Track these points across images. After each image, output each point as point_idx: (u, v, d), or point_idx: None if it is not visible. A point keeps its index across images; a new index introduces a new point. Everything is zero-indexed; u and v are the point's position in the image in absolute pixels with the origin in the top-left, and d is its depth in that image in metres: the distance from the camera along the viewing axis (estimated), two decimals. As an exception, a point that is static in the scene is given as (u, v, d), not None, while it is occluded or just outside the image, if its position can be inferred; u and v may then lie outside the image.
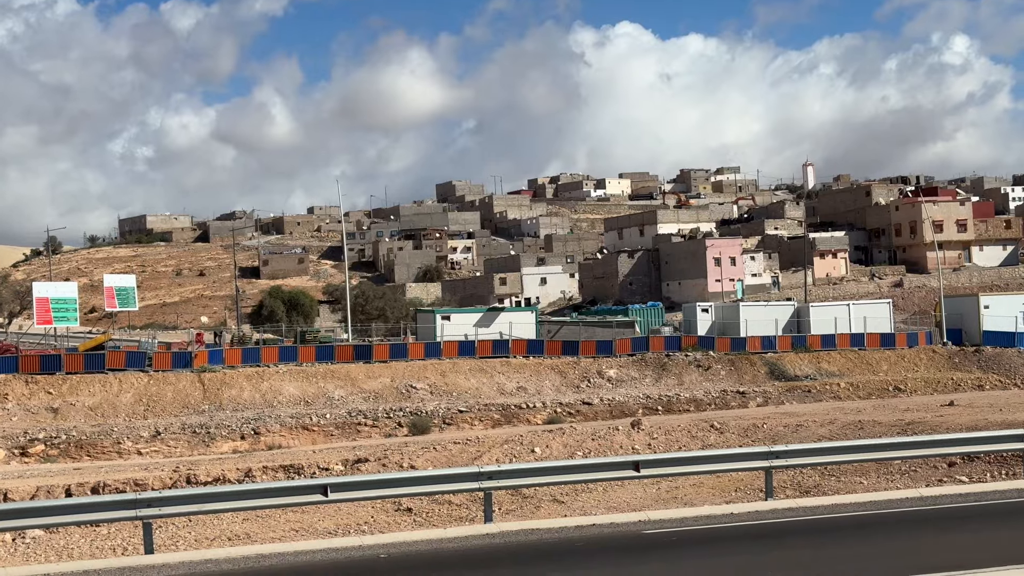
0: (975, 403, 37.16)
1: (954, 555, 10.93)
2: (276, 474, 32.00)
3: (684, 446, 29.73)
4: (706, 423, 34.01)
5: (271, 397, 45.96)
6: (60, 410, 42.70)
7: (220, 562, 13.71)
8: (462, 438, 36.15)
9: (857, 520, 14.47)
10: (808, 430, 30.95)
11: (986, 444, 19.72)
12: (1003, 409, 31.93)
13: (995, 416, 28.98)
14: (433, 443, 34.66)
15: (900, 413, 34.56)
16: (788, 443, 24.34)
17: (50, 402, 43.24)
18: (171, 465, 34.89)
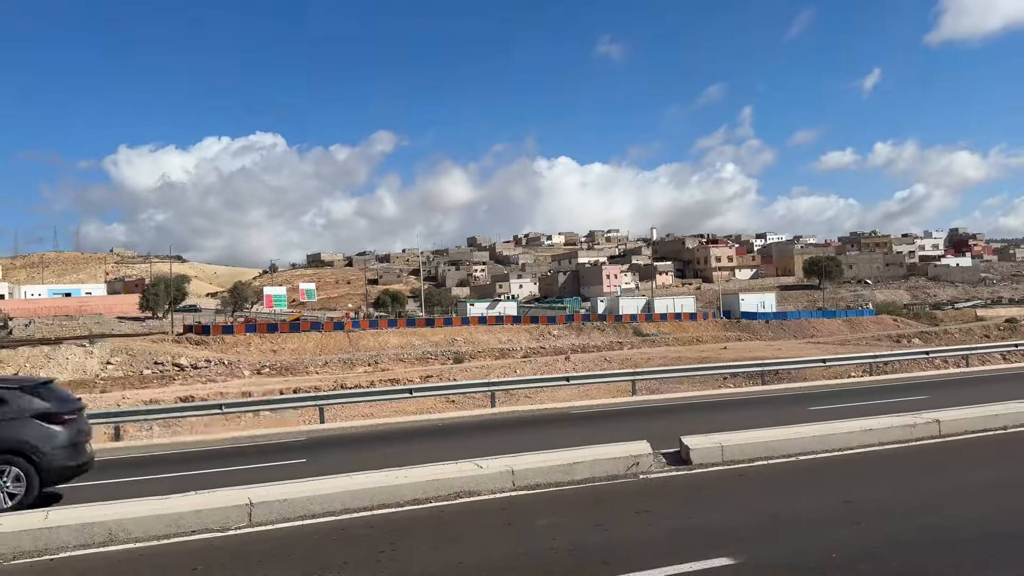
0: (737, 348, 58.82)
1: (723, 417, 16.87)
2: (385, 383, 40.23)
3: (591, 369, 42.86)
4: (602, 358, 54.75)
5: (383, 345, 68.39)
6: (276, 351, 64.80)
7: (358, 428, 19.13)
8: (479, 365, 53.63)
9: (680, 405, 20.90)
10: (654, 361, 46.98)
11: (742, 369, 28.48)
12: (750, 351, 53.64)
13: (747, 354, 47.90)
14: (464, 367, 51.63)
15: (699, 352, 54.95)
16: (643, 367, 34.89)
17: (271, 347, 65.81)
18: (333, 379, 48.03)
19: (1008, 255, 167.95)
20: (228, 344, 65.99)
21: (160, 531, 7.89)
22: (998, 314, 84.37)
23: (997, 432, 12.19)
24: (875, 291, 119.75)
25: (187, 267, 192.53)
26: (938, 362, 32.65)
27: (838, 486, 9.01)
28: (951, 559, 6.17)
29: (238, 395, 37.55)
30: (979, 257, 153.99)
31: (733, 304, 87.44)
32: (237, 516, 8.20)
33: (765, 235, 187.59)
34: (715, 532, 7.23)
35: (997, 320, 75.08)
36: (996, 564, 6.02)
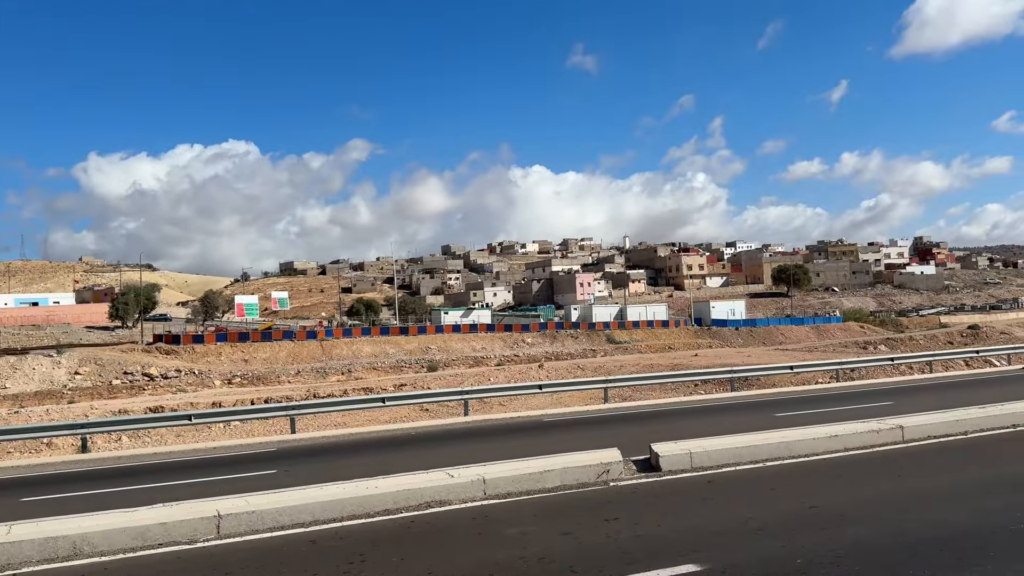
0: (708, 355, 57.80)
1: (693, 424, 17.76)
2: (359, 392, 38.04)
3: (564, 377, 42.65)
4: (576, 365, 51.81)
5: (357, 353, 68.26)
6: (248, 360, 64.29)
7: (329, 438, 19.23)
8: (453, 373, 52.41)
9: (651, 412, 21.10)
10: (626, 368, 45.12)
11: (714, 375, 28.63)
12: (720, 358, 52.19)
13: (717, 361, 46.26)
14: (438, 376, 50.58)
15: (671, 359, 54.55)
16: (616, 375, 35.12)
17: (243, 356, 65.23)
18: (305, 388, 46.02)
19: (970, 263, 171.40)
20: (199, 354, 65.31)
21: (126, 544, 7.79)
22: (961, 321, 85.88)
23: (959, 437, 12.44)
24: (842, 298, 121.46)
25: (157, 276, 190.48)
26: (903, 368, 33.17)
27: (804, 492, 9.14)
28: (915, 562, 6.29)
29: (208, 405, 37.04)
30: (942, 265, 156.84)
31: (704, 311, 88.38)
32: (205, 528, 8.13)
33: (735, 243, 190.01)
34: (683, 539, 7.30)
35: (960, 327, 76.40)
36: (959, 566, 6.16)
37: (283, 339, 69.43)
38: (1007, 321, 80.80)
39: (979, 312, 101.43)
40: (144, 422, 22.07)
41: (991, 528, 7.21)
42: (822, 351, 60.64)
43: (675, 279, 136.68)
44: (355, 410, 24.87)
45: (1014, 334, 63.55)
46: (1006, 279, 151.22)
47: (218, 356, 65.79)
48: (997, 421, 13.26)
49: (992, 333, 63.97)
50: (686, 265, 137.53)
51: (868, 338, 74.04)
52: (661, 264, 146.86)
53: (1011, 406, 14.13)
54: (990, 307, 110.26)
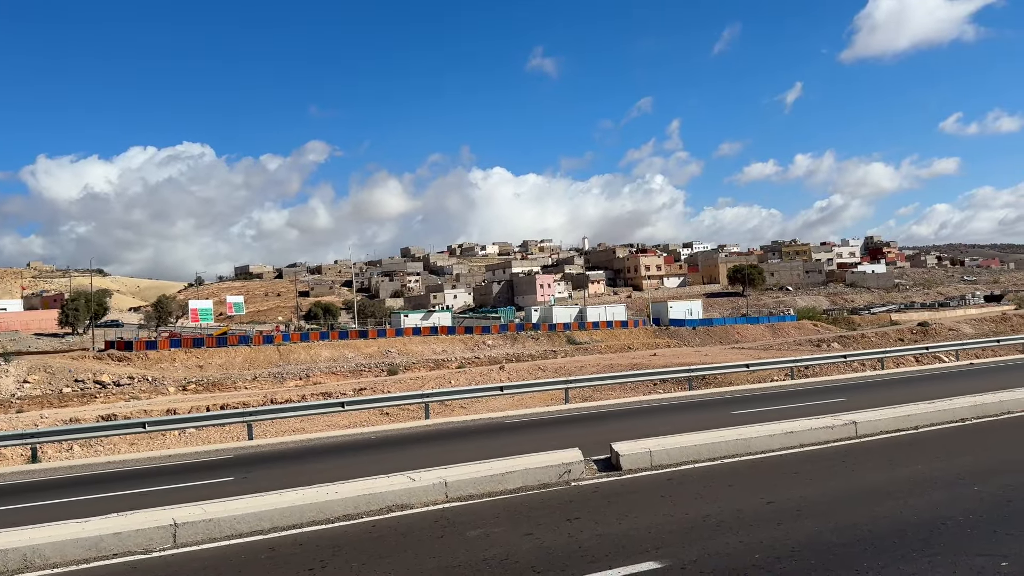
0: (666, 355, 58.55)
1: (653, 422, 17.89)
2: (317, 397, 39.89)
3: (525, 378, 43.07)
4: (536, 366, 52.62)
5: (315, 357, 67.16)
6: (203, 366, 63.01)
7: (288, 443, 18.91)
8: (414, 376, 53.40)
9: (612, 412, 21.24)
10: (587, 369, 46.75)
11: (672, 375, 28.99)
12: (678, 357, 52.37)
13: (675, 360, 46.86)
14: (399, 379, 50.62)
15: (631, 359, 55.28)
16: (576, 375, 36.75)
17: (198, 362, 63.92)
18: (262, 394, 46.80)
19: (919, 261, 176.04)
20: (152, 360, 64.09)
21: (79, 556, 7.61)
22: (911, 318, 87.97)
23: (909, 432, 12.76)
24: (796, 297, 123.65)
25: (109, 281, 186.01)
26: (855, 365, 33.86)
27: (761, 488, 9.28)
28: (868, 555, 6.44)
29: (163, 413, 36.69)
30: (893, 264, 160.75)
31: (662, 311, 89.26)
32: (161, 537, 7.98)
33: (692, 244, 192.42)
34: (643, 537, 7.37)
35: (910, 324, 78.25)
36: (910, 557, 6.32)
37: (239, 344, 68.30)
38: (955, 318, 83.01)
39: (928, 309, 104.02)
40: (96, 430, 21.56)
41: (940, 520, 7.41)
42: (777, 349, 61.56)
43: (634, 280, 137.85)
44: (314, 415, 24.58)
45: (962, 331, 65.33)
46: (953, 276, 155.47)
47: (172, 362, 64.52)
48: (945, 416, 13.64)
49: (941, 330, 65.67)
50: (644, 266, 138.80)
51: (822, 336, 75.37)
52: (620, 265, 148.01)
53: (958, 401, 14.53)
54: (939, 304, 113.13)
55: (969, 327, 72.26)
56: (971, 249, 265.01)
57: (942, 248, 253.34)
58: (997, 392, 15.49)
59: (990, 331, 63.94)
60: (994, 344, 37.26)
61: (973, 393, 15.78)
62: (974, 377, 25.19)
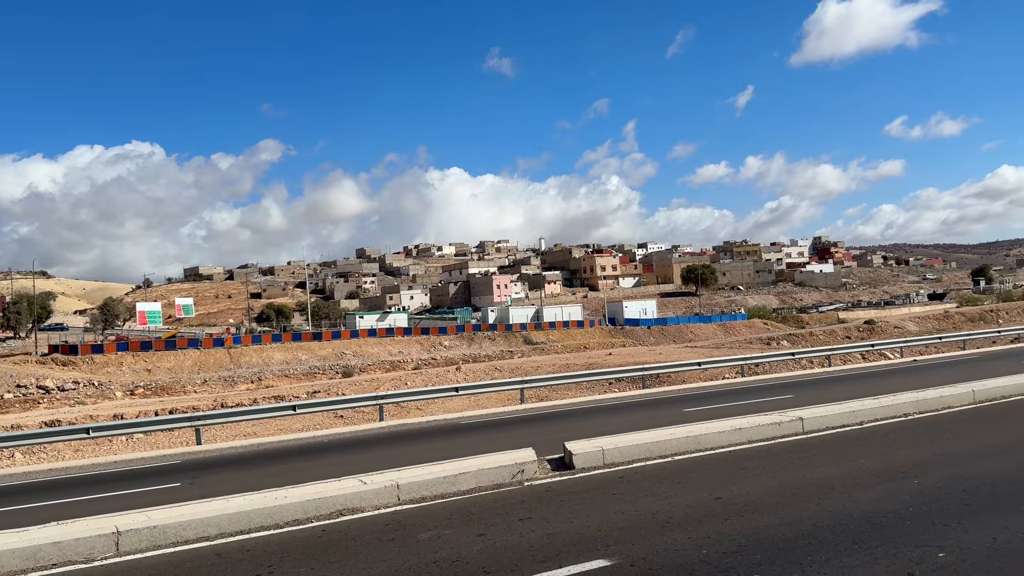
0: (622, 354, 57.53)
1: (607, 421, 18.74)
2: (269, 401, 38.53)
3: (482, 379, 41.58)
4: (493, 367, 51.23)
5: (267, 360, 66.37)
6: (151, 370, 62.13)
7: (238, 448, 18.38)
8: (369, 378, 51.75)
9: (567, 411, 21.45)
10: (543, 369, 45.58)
11: (626, 373, 28.72)
12: (633, 356, 52.29)
13: (630, 359, 45.42)
14: (354, 381, 49.21)
15: (586, 359, 54.47)
16: (532, 375, 36.27)
17: (146, 366, 62.88)
18: (212, 398, 45.78)
19: (866, 261, 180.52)
20: (98, 364, 62.59)
21: (16, 566, 7.37)
22: (858, 316, 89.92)
23: (855, 428, 13.06)
24: (747, 296, 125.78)
25: (52, 283, 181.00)
26: (804, 362, 34.51)
27: (710, 484, 9.41)
28: (812, 548, 6.57)
29: (109, 418, 35.54)
30: (840, 263, 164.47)
31: (617, 311, 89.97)
32: (103, 546, 7.78)
33: (646, 245, 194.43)
34: (594, 535, 7.41)
35: (857, 322, 79.89)
36: (853, 550, 6.46)
37: (188, 347, 67.13)
38: (900, 316, 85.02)
39: (874, 308, 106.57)
40: (39, 437, 20.83)
41: (882, 513, 7.60)
42: (729, 347, 62.14)
43: (590, 280, 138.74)
44: (265, 419, 24.01)
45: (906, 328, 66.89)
46: (898, 276, 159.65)
47: (119, 366, 63.17)
48: (889, 412, 14.00)
49: (886, 328, 67.12)
50: (600, 266, 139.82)
51: (771, 334, 76.42)
52: (576, 265, 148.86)
53: (902, 397, 14.93)
54: (884, 303, 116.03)
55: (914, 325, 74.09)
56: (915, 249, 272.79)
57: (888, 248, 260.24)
58: (938, 388, 15.95)
59: (933, 329, 65.72)
60: (936, 341, 38.36)
61: (916, 389, 16.24)
62: (917, 373, 25.87)
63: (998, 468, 9.55)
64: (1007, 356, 31.22)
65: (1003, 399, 15.46)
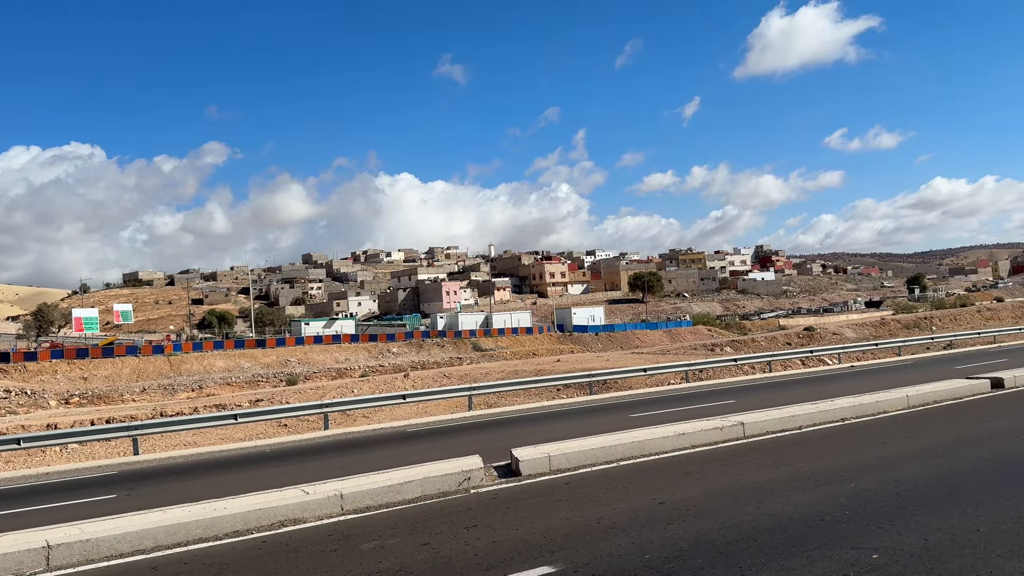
0: (570, 360, 59.28)
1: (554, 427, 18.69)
2: (211, 409, 36.76)
3: (430, 386, 40.38)
4: (442, 374, 51.18)
5: (209, 368, 65.36)
6: (88, 378, 60.46)
7: (177, 458, 18.32)
8: (315, 386, 51.44)
9: (515, 418, 21.50)
10: (492, 375, 44.30)
11: (574, 379, 29.17)
12: (581, 363, 54.07)
13: (579, 366, 45.82)
14: (299, 389, 48.63)
15: (535, 365, 52.99)
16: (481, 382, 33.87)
17: (81, 374, 61.19)
18: (151, 407, 44.18)
19: (806, 269, 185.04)
20: (31, 372, 60.70)
21: (-62, 585, 7.07)
22: (798, 323, 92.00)
23: (793, 432, 13.35)
24: (692, 303, 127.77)
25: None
26: (746, 368, 35.19)
27: (654, 489, 9.51)
28: (751, 552, 6.68)
29: (42, 427, 34.34)
30: (781, 272, 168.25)
31: (566, 318, 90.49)
32: (33, 560, 7.50)
33: (595, 252, 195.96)
34: (538, 541, 7.41)
35: (797, 328, 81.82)
36: (791, 552, 6.59)
37: (127, 355, 65.44)
38: (838, 323, 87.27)
39: (814, 315, 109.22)
40: (-35, 448, 20.02)
41: (819, 516, 7.77)
42: (674, 353, 62.90)
43: (539, 287, 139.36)
44: (206, 428, 23.48)
45: (844, 335, 68.70)
46: (837, 284, 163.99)
47: (53, 374, 61.40)
48: (827, 416, 14.36)
49: (825, 334, 68.81)
50: (549, 273, 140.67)
51: (715, 340, 77.74)
52: (525, 272, 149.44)
53: (839, 402, 15.32)
54: (823, 310, 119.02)
55: (851, 331, 76.11)
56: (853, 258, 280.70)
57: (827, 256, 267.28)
58: (874, 393, 16.43)
59: (870, 335, 67.65)
60: (873, 348, 39.46)
61: (853, 394, 16.68)
62: (855, 379, 26.57)
63: (931, 470, 9.86)
64: (940, 362, 32.30)
65: (935, 404, 15.98)
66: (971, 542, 6.65)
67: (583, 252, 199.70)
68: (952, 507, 7.88)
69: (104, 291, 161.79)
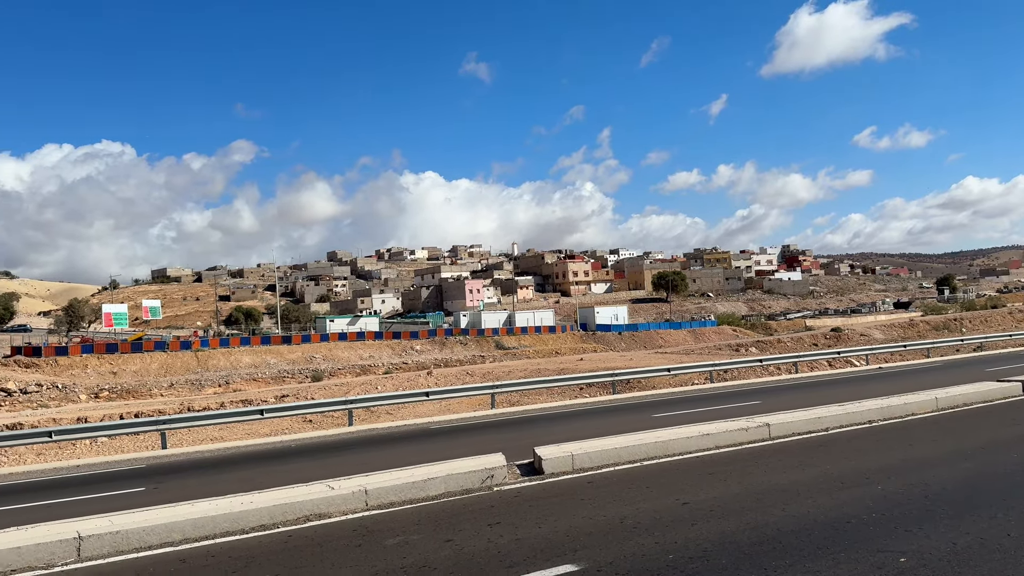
0: (593, 359, 58.51)
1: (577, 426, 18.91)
2: (237, 405, 37.74)
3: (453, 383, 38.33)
4: (464, 372, 48.92)
5: (235, 364, 66.10)
6: (117, 373, 61.67)
7: (204, 453, 18.60)
8: (339, 382, 50.72)
9: (538, 416, 21.52)
10: (514, 374, 42.52)
11: (596, 379, 29.17)
12: (604, 362, 53.56)
13: (601, 365, 44.98)
14: (323, 385, 48.99)
15: (558, 364, 53.03)
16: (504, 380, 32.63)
17: (111, 368, 62.36)
18: (179, 402, 45.63)
19: (833, 269, 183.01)
20: (62, 366, 61.48)
21: (-27, 573, 7.22)
22: (825, 324, 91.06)
23: (820, 434, 13.23)
24: (716, 303, 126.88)
25: (16, 284, 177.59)
26: (772, 369, 34.89)
27: (677, 489, 9.47)
28: (776, 553, 6.64)
29: (73, 421, 34.96)
30: (808, 271, 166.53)
31: (589, 317, 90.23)
32: (64, 551, 7.64)
33: (619, 251, 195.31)
34: (561, 540, 7.42)
35: (824, 329, 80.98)
36: (816, 555, 6.54)
37: (155, 350, 66.26)
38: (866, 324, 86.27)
39: (841, 316, 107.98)
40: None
41: (846, 518, 7.70)
42: (698, 354, 62.49)
43: (562, 285, 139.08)
44: (232, 423, 23.61)
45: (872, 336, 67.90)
46: (865, 284, 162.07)
47: (84, 369, 62.33)
48: (854, 418, 14.20)
49: (853, 335, 68.05)
50: (572, 272, 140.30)
51: (740, 341, 77.15)
52: (549, 271, 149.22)
53: (867, 404, 15.15)
54: (851, 311, 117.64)
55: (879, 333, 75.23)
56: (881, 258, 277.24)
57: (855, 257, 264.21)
58: (902, 395, 16.21)
59: (898, 336, 66.81)
60: (901, 349, 38.95)
61: (881, 396, 16.48)
62: (883, 380, 26.24)
63: (960, 474, 9.73)
64: (970, 364, 31.81)
65: (965, 406, 15.75)
66: (1001, 547, 6.56)
67: (607, 251, 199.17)
68: (982, 511, 7.78)
69: (133, 287, 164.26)
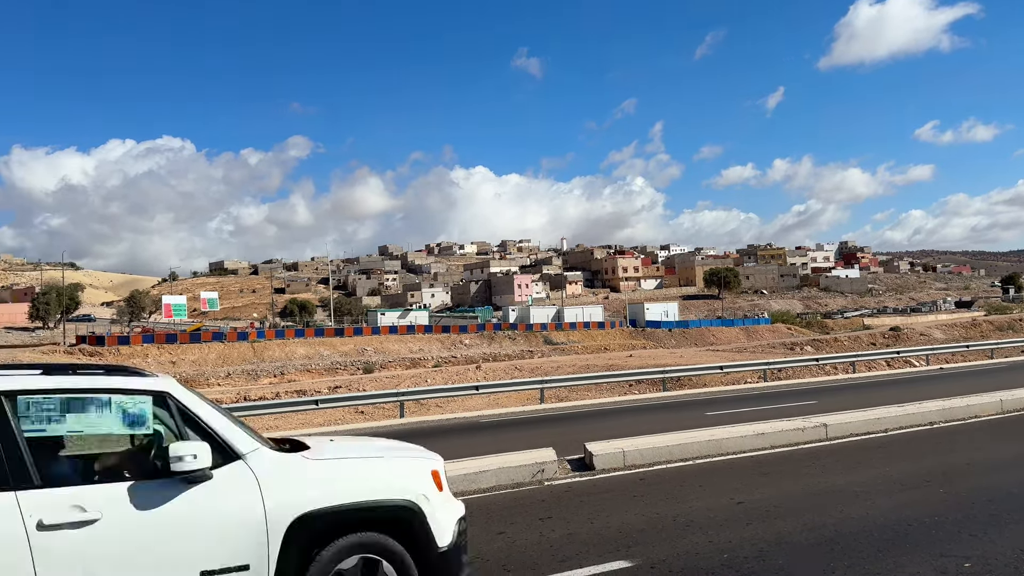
0: (642, 356, 58.46)
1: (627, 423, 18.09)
2: (292, 395, 39.67)
3: (502, 378, 42.42)
4: (513, 366, 51.85)
5: (290, 355, 67.67)
6: (176, 362, 63.73)
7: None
8: (390, 375, 53.51)
9: (587, 412, 21.42)
10: (563, 369, 45.86)
11: (646, 375, 29.12)
12: (654, 358, 51.86)
13: (651, 361, 46.74)
14: (374, 377, 50.87)
15: (607, 360, 54.78)
16: (552, 375, 36.38)
17: (170, 358, 64.51)
18: (235, 391, 47.65)
19: (893, 267, 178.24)
20: (124, 355, 63.32)
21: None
22: (883, 323, 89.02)
23: (879, 435, 12.93)
24: (770, 301, 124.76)
25: (81, 275, 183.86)
26: (828, 368, 34.20)
27: (731, 488, 9.35)
28: (834, 555, 6.51)
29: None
30: (866, 269, 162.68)
31: (639, 313, 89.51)
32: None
33: (669, 246, 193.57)
34: (613, 536, 7.39)
35: (882, 328, 79.12)
36: (876, 558, 6.40)
37: (213, 340, 67.88)
38: (926, 323, 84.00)
39: (900, 315, 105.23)
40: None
41: (906, 521, 7.51)
42: (751, 352, 61.78)
43: (611, 281, 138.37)
44: (287, 412, 24.12)
45: (933, 336, 66.11)
46: (925, 282, 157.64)
47: (144, 358, 64.19)
48: (914, 419, 13.85)
49: (912, 335, 66.36)
50: (622, 268, 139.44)
51: (795, 339, 75.85)
52: (598, 266, 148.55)
53: (928, 405, 14.76)
54: (911, 310, 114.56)
55: (940, 332, 73.16)
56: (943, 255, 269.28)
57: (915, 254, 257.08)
58: (965, 396, 15.75)
59: (960, 336, 64.90)
60: (963, 350, 37.83)
61: (942, 397, 16.04)
62: (943, 381, 25.53)
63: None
64: (1036, 366, 30.71)
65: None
66: (1072, 555, 6.32)
67: (657, 247, 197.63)
68: (1051, 518, 7.51)
69: (192, 279, 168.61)
